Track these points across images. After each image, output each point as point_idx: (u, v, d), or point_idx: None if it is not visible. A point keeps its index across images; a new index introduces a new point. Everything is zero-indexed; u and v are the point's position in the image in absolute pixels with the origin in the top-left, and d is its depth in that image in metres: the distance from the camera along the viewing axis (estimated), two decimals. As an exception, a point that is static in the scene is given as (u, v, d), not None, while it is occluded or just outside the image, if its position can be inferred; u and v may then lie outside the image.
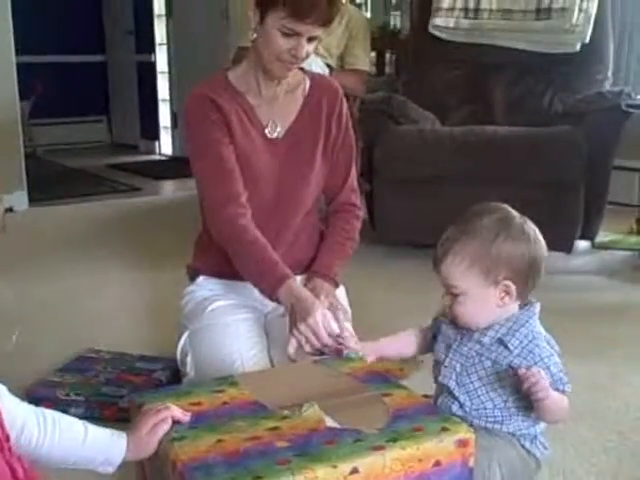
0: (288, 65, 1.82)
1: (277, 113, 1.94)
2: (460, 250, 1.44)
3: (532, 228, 1.48)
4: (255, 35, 1.84)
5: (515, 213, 1.49)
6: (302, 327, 1.66)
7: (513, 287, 1.44)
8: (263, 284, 1.80)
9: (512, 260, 1.43)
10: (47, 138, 7.54)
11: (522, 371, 1.37)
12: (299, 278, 2.00)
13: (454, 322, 1.53)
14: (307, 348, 1.67)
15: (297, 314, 1.69)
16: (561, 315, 2.56)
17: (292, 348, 1.69)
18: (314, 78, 2.01)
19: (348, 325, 1.93)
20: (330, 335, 1.65)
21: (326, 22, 1.77)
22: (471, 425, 1.41)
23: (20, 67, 4.70)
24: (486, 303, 1.46)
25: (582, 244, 3.58)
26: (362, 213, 2.10)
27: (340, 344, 1.63)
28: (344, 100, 2.02)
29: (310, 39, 1.78)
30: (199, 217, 2.07)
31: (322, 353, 1.66)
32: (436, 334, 1.61)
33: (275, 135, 1.93)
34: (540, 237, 1.48)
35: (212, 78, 1.96)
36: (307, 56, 1.81)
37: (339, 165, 2.03)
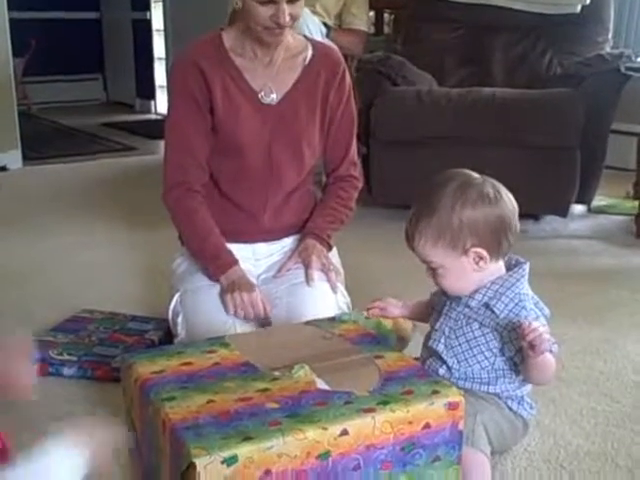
0: (275, 31, 1.78)
1: (273, 78, 1.91)
2: (423, 229, 1.45)
3: (493, 188, 1.45)
4: (240, 4, 1.80)
5: (475, 176, 1.48)
6: (245, 296, 1.79)
7: (484, 252, 1.44)
8: (210, 266, 1.88)
9: (475, 226, 1.42)
10: (41, 96, 7.48)
11: (525, 323, 1.37)
12: (291, 239, 2.00)
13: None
14: (240, 315, 1.78)
15: (237, 286, 1.80)
16: (556, 278, 2.56)
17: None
18: (317, 48, 1.96)
19: (340, 286, 1.93)
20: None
21: None
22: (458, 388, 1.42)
23: (13, 23, 4.63)
24: (463, 272, 1.47)
25: (578, 208, 3.57)
26: (360, 184, 2.09)
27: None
28: (346, 72, 1.98)
29: (291, 1, 1.73)
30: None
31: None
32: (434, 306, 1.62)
33: (268, 101, 1.90)
34: (504, 194, 1.46)
35: (206, 38, 1.92)
36: (294, 18, 1.77)
37: (339, 139, 2.00)
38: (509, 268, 1.51)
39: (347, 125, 2.01)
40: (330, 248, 1.99)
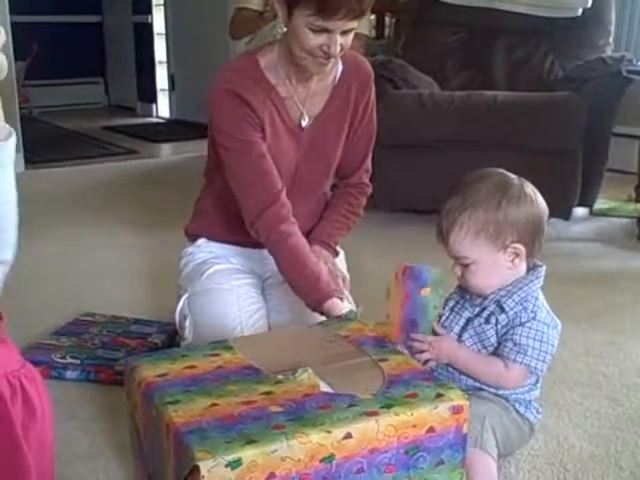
0: (322, 61, 1.69)
1: (307, 103, 1.85)
2: (465, 221, 1.44)
3: (531, 188, 1.49)
4: (285, 29, 1.73)
5: (513, 176, 1.50)
6: None
7: (522, 249, 1.46)
8: (307, 298, 1.76)
9: (517, 223, 1.44)
10: (43, 99, 7.48)
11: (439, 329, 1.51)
12: None
13: (463, 289, 1.55)
14: None
15: None
16: (557, 281, 2.55)
17: None
18: (347, 62, 1.88)
19: (346, 292, 1.93)
20: None
21: (359, 15, 1.63)
22: (466, 388, 1.43)
23: (15, 27, 4.64)
24: (497, 268, 1.48)
25: (580, 211, 3.57)
26: (370, 189, 2.07)
27: None
28: (373, 85, 1.94)
29: (344, 32, 1.65)
30: (197, 181, 2.05)
31: None
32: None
33: (303, 125, 1.86)
34: (539, 196, 1.49)
35: (242, 65, 1.81)
36: (344, 49, 1.69)
37: (359, 148, 1.98)
38: (527, 271, 1.52)
39: (368, 135, 1.98)
40: (336, 254, 1.98)
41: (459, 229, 1.45)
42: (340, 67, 1.88)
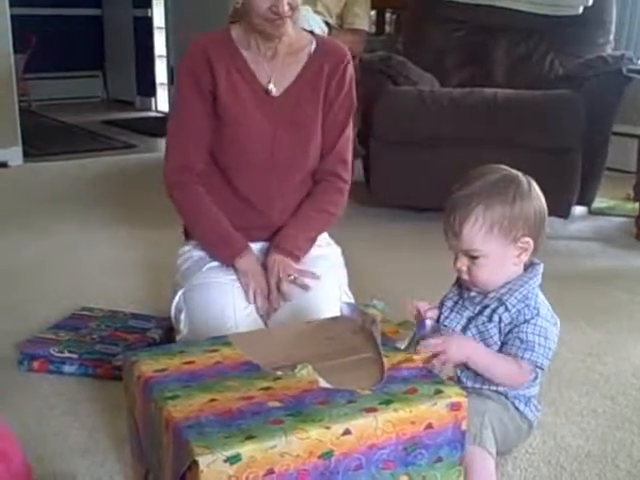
0: (276, 22, 1.79)
1: (277, 71, 1.91)
2: (480, 214, 1.44)
3: (535, 184, 1.50)
4: (240, 2, 1.83)
5: (517, 172, 1.51)
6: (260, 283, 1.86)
7: (532, 243, 1.47)
8: (222, 253, 1.92)
9: (529, 218, 1.45)
10: (42, 93, 7.47)
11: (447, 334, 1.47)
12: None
13: (464, 285, 1.55)
14: (259, 302, 1.85)
15: (252, 275, 1.86)
16: (555, 280, 2.55)
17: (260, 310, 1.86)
18: (321, 42, 1.97)
19: (344, 286, 1.93)
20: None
21: None
22: (465, 387, 1.43)
23: (15, 19, 4.63)
24: (504, 262, 1.48)
25: (579, 210, 3.58)
26: (348, 186, 2.02)
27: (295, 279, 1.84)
28: (350, 67, 1.96)
29: None
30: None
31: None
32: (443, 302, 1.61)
33: (273, 93, 1.91)
34: (540, 191, 1.51)
35: (216, 32, 1.96)
36: (293, 8, 1.79)
37: (330, 131, 1.97)
38: (525, 268, 1.52)
39: (341, 119, 1.98)
40: (298, 259, 1.92)
41: (474, 222, 1.44)
42: (313, 46, 1.95)
